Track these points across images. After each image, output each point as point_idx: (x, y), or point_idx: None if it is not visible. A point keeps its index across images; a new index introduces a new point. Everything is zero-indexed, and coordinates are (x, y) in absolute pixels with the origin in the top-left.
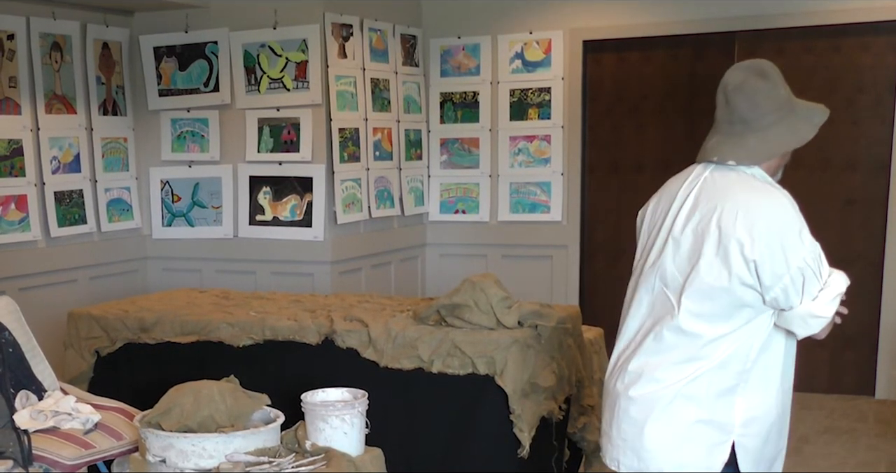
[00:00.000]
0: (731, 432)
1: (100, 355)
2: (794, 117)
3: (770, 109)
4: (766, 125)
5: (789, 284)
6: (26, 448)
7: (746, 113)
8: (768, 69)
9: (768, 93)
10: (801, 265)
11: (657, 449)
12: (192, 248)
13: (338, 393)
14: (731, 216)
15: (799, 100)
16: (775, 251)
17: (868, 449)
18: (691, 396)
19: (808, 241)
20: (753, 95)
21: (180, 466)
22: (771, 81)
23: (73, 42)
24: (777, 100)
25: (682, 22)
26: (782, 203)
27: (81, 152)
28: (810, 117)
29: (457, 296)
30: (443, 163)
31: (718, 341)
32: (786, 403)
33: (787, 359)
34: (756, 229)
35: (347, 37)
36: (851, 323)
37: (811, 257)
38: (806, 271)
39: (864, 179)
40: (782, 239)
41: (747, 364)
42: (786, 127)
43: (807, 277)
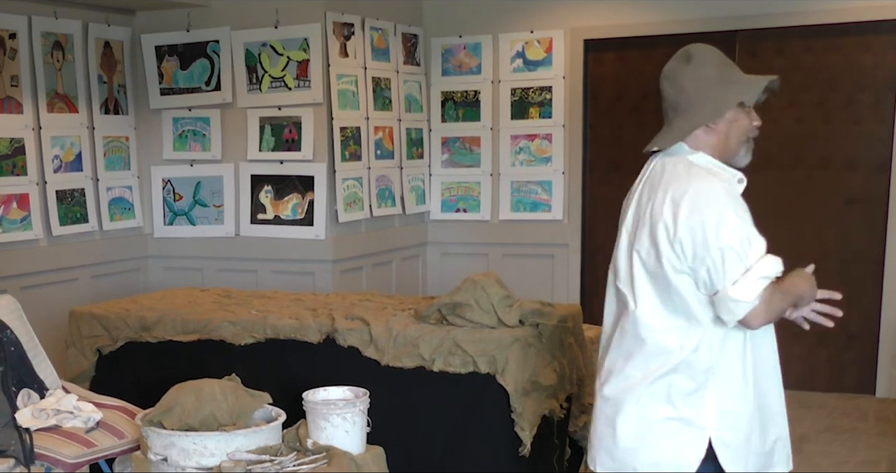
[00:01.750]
0: (705, 428)
1: (101, 354)
2: (720, 91)
3: (693, 90)
4: (689, 105)
5: (711, 266)
6: (28, 447)
7: (673, 97)
8: (695, 51)
9: (691, 74)
10: (723, 246)
11: (629, 448)
12: (193, 247)
13: (339, 392)
14: (660, 203)
15: (743, 76)
16: (696, 232)
17: (869, 448)
18: (658, 393)
19: (732, 224)
20: (676, 79)
21: (182, 464)
22: (695, 63)
23: (74, 41)
24: (701, 80)
25: (683, 21)
26: (708, 186)
27: (83, 151)
28: (742, 87)
29: (458, 295)
30: (444, 162)
31: (676, 334)
32: (765, 397)
33: (755, 350)
34: (680, 212)
35: (349, 36)
36: (852, 321)
37: (736, 239)
38: (727, 252)
39: (864, 178)
40: (704, 221)
41: (711, 357)
42: (707, 101)
43: (727, 259)
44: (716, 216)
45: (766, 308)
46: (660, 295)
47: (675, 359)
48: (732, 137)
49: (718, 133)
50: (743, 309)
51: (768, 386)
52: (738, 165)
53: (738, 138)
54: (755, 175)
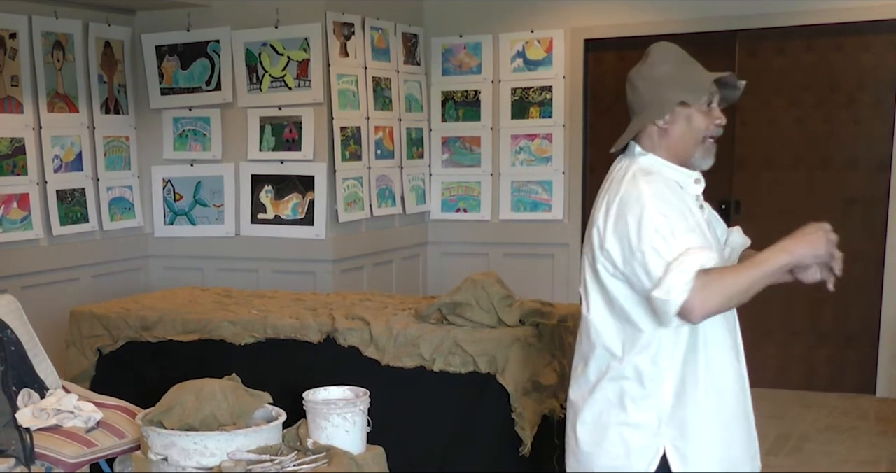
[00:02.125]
0: (659, 435)
1: (102, 353)
2: (666, 91)
3: (645, 89)
4: (642, 106)
5: (639, 269)
6: (28, 447)
7: (630, 98)
8: (653, 50)
9: (645, 75)
10: (644, 248)
11: (587, 452)
12: (193, 247)
13: (339, 392)
14: (598, 207)
15: (699, 74)
16: (622, 237)
17: (869, 448)
18: (611, 398)
19: (653, 223)
20: (632, 80)
21: (182, 464)
22: (649, 62)
23: (75, 41)
24: (653, 79)
25: (684, 21)
26: (635, 189)
27: (83, 151)
28: (691, 86)
29: (458, 295)
30: (444, 162)
31: (621, 339)
32: (723, 402)
33: (710, 355)
34: (609, 217)
35: (349, 35)
36: (853, 321)
37: (657, 238)
38: (648, 253)
39: (864, 178)
40: (627, 224)
41: (660, 362)
42: (656, 102)
43: (648, 259)
44: (637, 218)
45: (704, 298)
46: (604, 299)
47: (623, 364)
48: (686, 137)
49: (671, 133)
50: (671, 306)
51: (728, 391)
52: (698, 168)
53: (693, 138)
54: (756, 174)
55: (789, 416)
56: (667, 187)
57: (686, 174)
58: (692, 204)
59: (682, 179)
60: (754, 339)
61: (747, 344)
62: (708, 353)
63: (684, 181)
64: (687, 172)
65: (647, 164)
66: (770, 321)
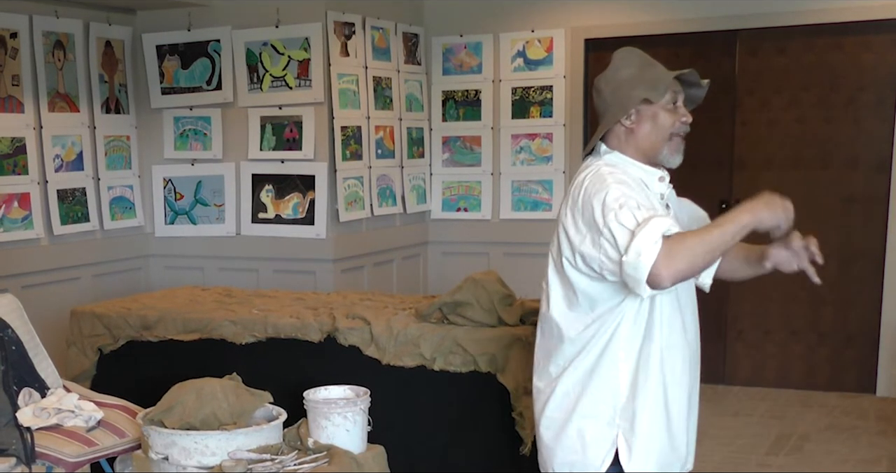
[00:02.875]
0: (613, 425)
1: (102, 353)
2: (628, 91)
3: (608, 92)
4: (605, 109)
5: (607, 245)
6: (29, 446)
7: (595, 101)
8: (616, 55)
9: (608, 78)
10: (609, 221)
11: (548, 447)
12: (194, 246)
13: (340, 391)
14: (565, 205)
15: (661, 74)
16: (589, 220)
17: (869, 447)
18: (568, 392)
19: (613, 197)
20: (597, 83)
21: (183, 463)
22: (613, 66)
23: (75, 40)
24: (616, 82)
25: (684, 20)
26: (596, 178)
27: (84, 150)
28: (652, 85)
29: (459, 294)
30: (445, 161)
31: (581, 332)
32: (669, 399)
33: (665, 349)
34: (575, 209)
35: (349, 35)
36: (853, 320)
37: (619, 208)
38: (613, 225)
39: (865, 177)
40: (593, 208)
41: (618, 351)
42: (619, 103)
43: (615, 231)
44: (601, 200)
45: (671, 260)
46: (566, 294)
47: (582, 357)
48: (651, 135)
49: (637, 132)
50: (642, 270)
51: (676, 385)
52: (667, 166)
53: (660, 136)
54: (756, 174)
55: (789, 416)
56: (632, 182)
57: (651, 172)
58: (656, 203)
59: (646, 177)
60: (755, 339)
61: (748, 343)
62: (662, 344)
63: (649, 180)
64: (651, 170)
65: (612, 161)
66: (770, 320)
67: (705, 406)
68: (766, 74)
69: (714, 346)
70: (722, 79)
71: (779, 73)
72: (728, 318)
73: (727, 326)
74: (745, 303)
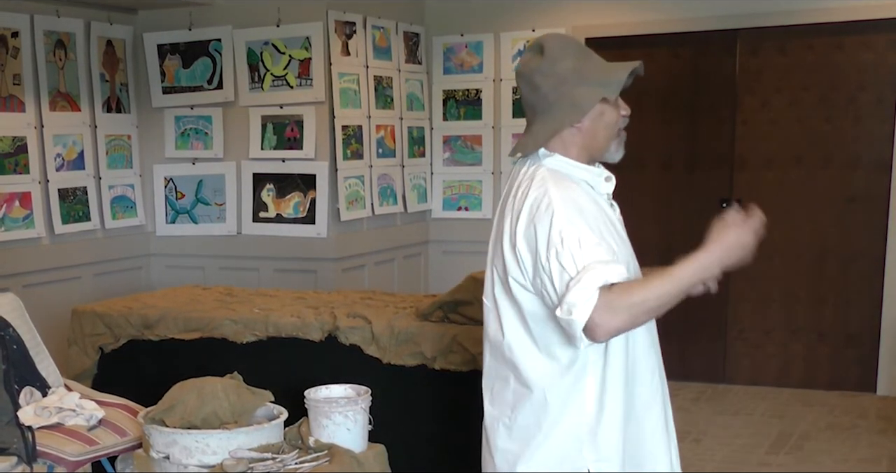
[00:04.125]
0: (581, 457)
1: (103, 352)
2: (579, 88)
3: (548, 88)
4: (547, 106)
5: (547, 281)
6: (30, 445)
7: (529, 97)
8: (547, 43)
9: (545, 71)
10: (551, 259)
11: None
12: (195, 245)
13: (341, 390)
14: (506, 215)
15: (606, 64)
16: (531, 245)
17: (869, 446)
18: (528, 425)
19: (560, 234)
20: (531, 77)
21: (184, 462)
22: (548, 57)
23: (77, 40)
24: (556, 76)
25: (685, 19)
26: (547, 197)
27: (85, 149)
28: (603, 82)
29: (459, 293)
30: (445, 161)
31: (543, 359)
32: (643, 416)
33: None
34: (519, 224)
35: (350, 34)
36: (853, 319)
37: (563, 249)
38: (553, 266)
39: (865, 177)
40: (537, 233)
41: (585, 378)
42: (566, 101)
43: (554, 273)
44: (546, 229)
45: (608, 317)
46: (518, 315)
47: (544, 384)
48: (600, 134)
49: (584, 132)
50: (575, 326)
51: (644, 406)
52: (610, 161)
53: (607, 133)
54: (756, 173)
55: (790, 415)
56: (577, 189)
57: (596, 173)
58: (603, 203)
59: (591, 179)
60: (756, 338)
61: (749, 342)
62: (629, 360)
63: (594, 181)
64: (596, 171)
65: (555, 166)
66: (771, 320)
67: (706, 406)
68: (767, 74)
69: (714, 345)
70: (722, 79)
71: (779, 72)
72: (728, 317)
73: (728, 325)
74: (746, 303)
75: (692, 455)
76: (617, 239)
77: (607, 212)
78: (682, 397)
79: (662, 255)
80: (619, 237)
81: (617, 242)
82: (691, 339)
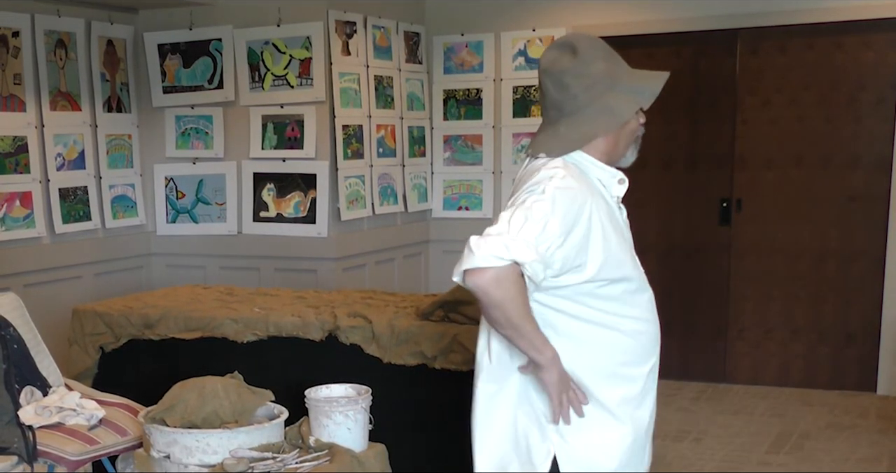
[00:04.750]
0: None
1: (104, 351)
2: (613, 94)
3: (580, 90)
4: (576, 108)
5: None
6: (31, 444)
7: (556, 96)
8: (579, 44)
9: (577, 72)
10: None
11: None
12: (196, 245)
13: (341, 389)
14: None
15: (633, 71)
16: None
17: (870, 445)
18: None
19: (538, 205)
20: (561, 77)
21: (184, 462)
22: (581, 58)
23: (77, 39)
24: (588, 78)
25: (685, 19)
26: (550, 177)
27: (86, 149)
28: (637, 90)
29: (460, 293)
30: (446, 160)
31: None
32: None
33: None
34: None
35: (351, 34)
36: (853, 319)
37: (533, 211)
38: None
39: (865, 176)
40: (520, 193)
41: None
42: (599, 107)
43: (504, 213)
44: (530, 195)
45: (491, 284)
46: None
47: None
48: (622, 141)
49: (609, 138)
50: (469, 261)
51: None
52: (623, 166)
53: (628, 141)
54: (757, 173)
55: (790, 414)
56: (586, 184)
57: (611, 174)
58: (612, 203)
59: (606, 178)
60: (756, 337)
61: (749, 342)
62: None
63: (608, 181)
64: (612, 172)
65: (575, 161)
66: (771, 319)
67: (706, 405)
68: (767, 73)
69: (715, 345)
70: (723, 79)
71: (779, 71)
72: (729, 317)
73: (728, 325)
74: (746, 302)
75: (692, 454)
76: (621, 240)
77: (615, 213)
78: (683, 396)
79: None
80: (624, 238)
81: (620, 242)
82: (692, 338)
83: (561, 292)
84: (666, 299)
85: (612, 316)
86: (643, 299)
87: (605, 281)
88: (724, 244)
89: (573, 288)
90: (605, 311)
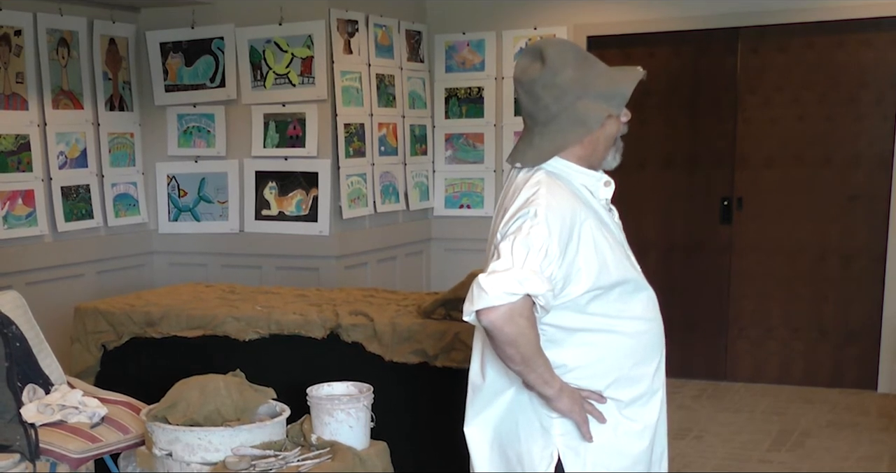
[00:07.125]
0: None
1: (106, 349)
2: (584, 102)
3: (550, 100)
4: (548, 118)
5: (494, 250)
6: (33, 442)
7: (528, 107)
8: (547, 51)
9: (546, 82)
10: (509, 236)
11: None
12: (198, 243)
13: (343, 387)
14: (497, 216)
15: (607, 71)
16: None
17: (870, 443)
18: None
19: (537, 230)
20: (531, 87)
21: (186, 460)
22: (549, 67)
23: (79, 38)
24: (558, 87)
25: (686, 18)
26: (535, 195)
27: (88, 147)
28: (607, 96)
29: (461, 291)
30: (448, 159)
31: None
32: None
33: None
34: (504, 220)
35: (353, 32)
36: (854, 317)
37: (530, 239)
38: (506, 243)
39: (866, 175)
40: (510, 219)
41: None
42: (570, 116)
43: (503, 249)
44: (522, 222)
45: (508, 323)
46: None
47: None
48: (601, 145)
49: (586, 144)
50: (483, 300)
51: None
52: (606, 169)
53: (607, 145)
54: (758, 172)
55: (791, 412)
56: (571, 195)
57: (595, 177)
58: (600, 208)
59: (591, 183)
60: (757, 335)
61: (750, 340)
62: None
63: (593, 185)
64: (596, 175)
65: (554, 170)
66: (772, 317)
67: (707, 403)
68: (768, 72)
69: (716, 343)
70: (723, 77)
71: (780, 70)
72: (730, 315)
73: (729, 323)
74: (747, 301)
75: (693, 452)
76: (613, 243)
77: (604, 217)
78: (684, 394)
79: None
80: (616, 241)
81: (612, 246)
82: (693, 337)
83: (560, 307)
84: (667, 297)
85: (611, 319)
86: (642, 298)
87: (602, 288)
88: (725, 242)
89: (572, 300)
90: (604, 316)
